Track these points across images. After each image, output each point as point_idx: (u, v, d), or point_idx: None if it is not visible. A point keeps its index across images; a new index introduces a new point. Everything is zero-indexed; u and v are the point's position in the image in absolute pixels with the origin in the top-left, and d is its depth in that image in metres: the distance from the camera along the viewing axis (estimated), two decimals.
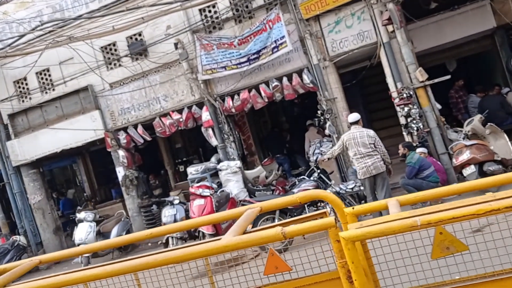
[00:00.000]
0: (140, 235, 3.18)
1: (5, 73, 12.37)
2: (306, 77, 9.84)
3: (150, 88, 11.25)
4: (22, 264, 3.04)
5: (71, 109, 11.92)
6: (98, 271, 2.26)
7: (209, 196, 8.82)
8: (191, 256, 2.13)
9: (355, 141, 7.16)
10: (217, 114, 10.79)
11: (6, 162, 12.66)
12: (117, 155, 11.58)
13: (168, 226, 3.38)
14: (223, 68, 10.34)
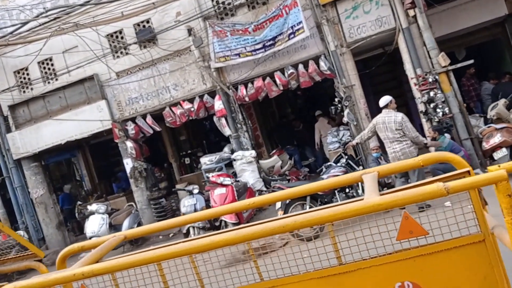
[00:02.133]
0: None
1: (5, 62, 11.88)
2: (323, 64, 9.68)
3: (159, 77, 10.93)
4: (108, 240, 2.81)
5: (76, 99, 11.51)
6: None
7: (230, 184, 8.60)
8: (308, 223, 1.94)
9: (383, 125, 7.04)
10: (230, 103, 10.55)
11: (6, 155, 12.18)
12: (125, 146, 11.24)
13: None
14: (237, 55, 10.10)
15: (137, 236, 3.01)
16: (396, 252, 2.34)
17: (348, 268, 2.31)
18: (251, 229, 2.11)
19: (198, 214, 2.99)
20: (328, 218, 1.98)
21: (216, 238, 2.08)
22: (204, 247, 2.11)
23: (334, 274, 2.32)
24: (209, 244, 2.10)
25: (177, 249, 2.13)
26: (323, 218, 1.98)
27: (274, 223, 2.03)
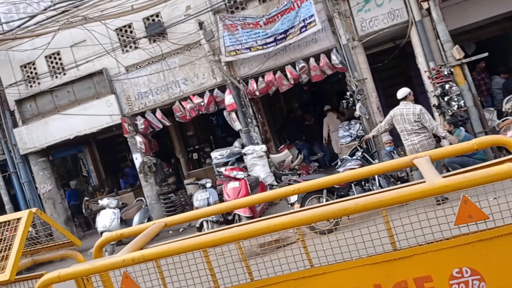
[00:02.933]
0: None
1: (11, 57, 11.80)
2: (334, 57, 9.63)
3: (169, 71, 10.86)
4: (149, 227, 2.77)
5: (84, 94, 11.43)
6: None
7: (243, 178, 8.57)
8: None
9: (401, 117, 6.99)
10: (241, 97, 10.49)
11: (13, 150, 12.10)
12: (134, 141, 11.17)
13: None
14: (248, 49, 10.04)
15: (177, 223, 2.97)
16: (454, 237, 2.29)
17: (403, 254, 2.27)
18: (311, 212, 2.06)
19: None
20: (391, 200, 1.94)
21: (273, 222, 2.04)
22: (259, 231, 2.07)
23: (388, 260, 2.27)
24: (266, 228, 2.06)
25: (234, 233, 2.09)
26: (386, 200, 1.94)
27: (333, 206, 1.98)
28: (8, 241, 2.62)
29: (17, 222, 2.64)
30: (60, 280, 2.32)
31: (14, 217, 2.64)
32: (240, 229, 2.10)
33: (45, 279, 2.27)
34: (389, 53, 11.40)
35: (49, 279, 2.28)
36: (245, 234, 2.08)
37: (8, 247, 2.57)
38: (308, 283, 2.38)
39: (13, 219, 2.64)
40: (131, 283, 2.68)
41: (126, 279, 2.69)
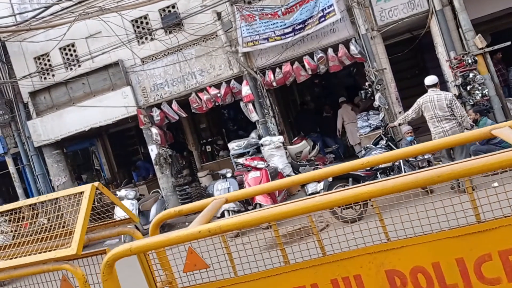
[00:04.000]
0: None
1: (24, 48, 11.75)
2: (353, 47, 9.57)
3: (185, 63, 10.81)
4: (211, 203, 2.73)
5: (100, 86, 11.38)
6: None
7: (264, 168, 8.53)
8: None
9: (432, 104, 6.92)
10: (258, 88, 10.44)
11: (27, 143, 12.06)
12: (150, 133, 11.13)
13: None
14: (265, 40, 9.98)
15: (237, 199, 2.93)
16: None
17: (489, 226, 2.22)
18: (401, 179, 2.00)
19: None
20: (475, 169, 1.88)
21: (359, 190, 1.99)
22: (337, 201, 2.02)
23: (472, 232, 2.23)
24: (352, 196, 2.01)
25: (306, 204, 2.04)
26: (469, 169, 1.88)
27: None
28: (71, 215, 2.58)
29: (79, 196, 2.60)
30: (131, 253, 2.27)
31: (76, 191, 2.60)
32: (317, 199, 2.05)
33: (116, 252, 2.23)
34: (404, 45, 11.36)
35: (120, 252, 2.23)
36: (324, 204, 2.04)
37: (72, 222, 2.53)
38: (385, 257, 2.33)
39: (75, 193, 2.60)
40: (196, 258, 2.65)
41: (191, 254, 2.66)
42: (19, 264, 2.40)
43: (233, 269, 2.65)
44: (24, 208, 2.70)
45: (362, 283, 2.37)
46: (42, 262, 2.38)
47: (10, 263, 2.42)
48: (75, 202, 2.65)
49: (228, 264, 2.63)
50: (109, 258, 2.25)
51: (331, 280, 2.42)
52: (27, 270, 2.41)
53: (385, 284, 2.34)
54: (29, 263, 2.39)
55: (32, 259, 2.38)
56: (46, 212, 2.74)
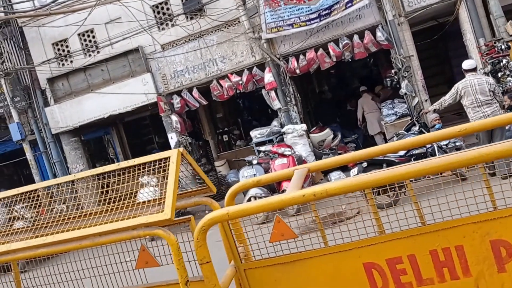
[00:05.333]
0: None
1: (43, 34, 11.61)
2: (380, 34, 9.44)
3: (206, 49, 10.68)
4: (295, 172, 2.63)
5: (119, 72, 11.26)
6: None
7: (291, 155, 8.43)
8: None
9: (472, 88, 6.80)
10: (280, 75, 10.32)
11: (44, 130, 11.95)
12: (170, 120, 11.02)
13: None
14: (290, 26, 9.84)
15: (320, 169, 2.83)
16: None
17: None
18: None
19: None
20: None
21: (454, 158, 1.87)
22: (435, 168, 1.92)
23: None
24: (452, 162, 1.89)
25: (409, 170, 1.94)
26: None
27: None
28: (158, 181, 2.48)
29: (164, 162, 2.50)
30: (228, 218, 2.19)
31: (161, 157, 2.51)
32: (413, 166, 1.95)
33: (212, 216, 2.14)
34: (428, 33, 11.22)
35: (217, 217, 2.14)
36: (420, 171, 1.95)
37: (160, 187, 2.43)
38: (491, 227, 2.23)
39: (160, 158, 2.50)
40: (284, 227, 2.56)
41: (278, 223, 2.57)
42: (109, 230, 2.30)
43: (323, 238, 2.55)
44: (106, 173, 2.60)
45: (464, 254, 2.27)
46: (132, 227, 2.28)
47: (99, 228, 2.32)
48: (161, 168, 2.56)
49: (318, 234, 2.54)
50: (205, 224, 2.15)
51: (430, 251, 2.31)
52: (116, 237, 2.32)
53: (489, 255, 2.24)
54: (119, 229, 2.29)
55: (122, 225, 2.28)
56: (124, 180, 2.65)
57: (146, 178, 7.42)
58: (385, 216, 2.43)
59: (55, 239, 2.39)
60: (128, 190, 2.65)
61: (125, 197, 2.60)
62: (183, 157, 2.56)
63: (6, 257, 2.47)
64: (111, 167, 2.67)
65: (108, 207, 2.54)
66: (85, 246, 2.36)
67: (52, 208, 2.71)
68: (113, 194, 2.61)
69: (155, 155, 2.57)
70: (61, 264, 3.03)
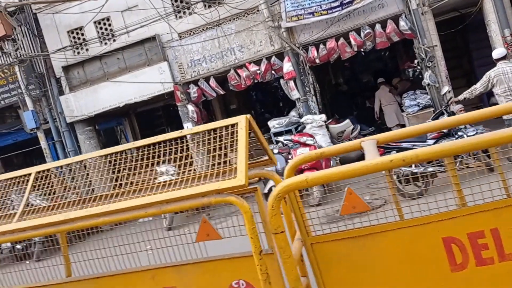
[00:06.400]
0: None
1: (58, 22, 11.49)
2: (403, 23, 9.30)
3: (224, 38, 10.54)
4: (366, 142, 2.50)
5: (135, 61, 11.13)
6: None
7: (313, 145, 8.31)
8: None
9: (505, 76, 6.66)
10: (299, 65, 10.19)
11: (59, 119, 11.84)
12: (186, 110, 10.90)
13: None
14: (310, 14, 9.70)
15: (389, 140, 2.71)
16: None
17: None
18: None
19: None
20: None
21: None
22: None
23: None
24: None
25: None
26: None
27: None
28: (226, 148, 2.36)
29: (231, 128, 2.39)
30: (307, 185, 2.06)
31: (227, 124, 2.39)
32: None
33: (289, 183, 2.02)
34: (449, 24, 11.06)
35: (294, 183, 2.03)
36: None
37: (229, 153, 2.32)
38: None
39: (226, 125, 2.39)
40: (356, 199, 2.44)
41: (350, 195, 2.45)
42: (177, 197, 2.19)
43: (398, 212, 2.44)
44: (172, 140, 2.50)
45: None
46: (202, 194, 2.17)
47: (166, 196, 2.21)
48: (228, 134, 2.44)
49: (392, 206, 2.42)
50: (281, 191, 2.04)
51: None
52: (184, 204, 2.20)
53: None
54: (187, 196, 2.17)
55: (191, 192, 2.17)
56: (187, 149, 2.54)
57: (164, 167, 7.22)
58: (467, 188, 2.31)
59: (118, 207, 2.28)
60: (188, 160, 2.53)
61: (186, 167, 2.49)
62: (250, 124, 2.44)
63: (65, 226, 2.36)
64: (172, 134, 2.56)
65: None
66: (151, 214, 2.26)
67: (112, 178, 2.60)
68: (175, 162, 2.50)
69: (221, 121, 2.45)
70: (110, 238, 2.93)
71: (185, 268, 2.55)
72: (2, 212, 2.63)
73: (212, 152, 2.37)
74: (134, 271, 2.67)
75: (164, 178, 8.21)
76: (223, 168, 2.27)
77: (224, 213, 5.53)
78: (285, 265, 2.12)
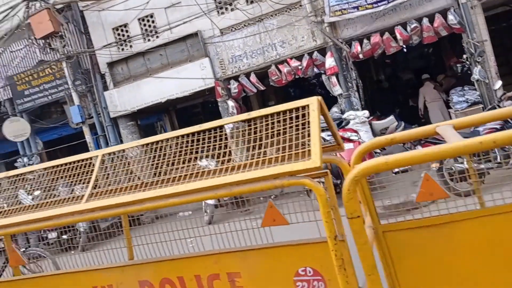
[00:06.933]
0: None
1: (103, 19, 11.77)
2: (452, 17, 8.99)
3: (266, 34, 10.51)
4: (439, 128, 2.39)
5: (177, 57, 11.26)
6: None
7: (357, 140, 8.16)
8: None
9: None
10: (342, 60, 10.02)
11: (103, 113, 12.13)
12: (226, 106, 10.93)
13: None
14: (355, 9, 9.53)
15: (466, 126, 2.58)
16: None
17: None
18: None
19: None
20: None
21: None
22: None
23: None
24: None
25: None
26: None
27: None
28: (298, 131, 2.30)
29: (302, 110, 2.33)
30: (387, 167, 1.96)
31: (298, 105, 2.34)
32: None
33: (368, 165, 1.93)
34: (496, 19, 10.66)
35: (374, 165, 1.93)
36: None
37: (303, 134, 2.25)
38: None
39: (297, 107, 2.34)
40: (434, 186, 2.33)
41: (427, 181, 2.33)
42: (248, 178, 2.14)
43: (479, 199, 2.32)
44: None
45: None
46: (274, 176, 2.11)
47: (236, 177, 2.17)
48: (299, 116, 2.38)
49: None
50: (358, 173, 1.95)
51: None
52: (255, 186, 2.16)
53: None
54: (258, 178, 2.12)
55: (265, 173, 2.12)
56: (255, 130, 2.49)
57: (205, 161, 7.17)
58: None
59: (187, 188, 2.26)
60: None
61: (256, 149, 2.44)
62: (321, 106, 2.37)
63: (133, 207, 2.36)
64: (239, 117, 2.52)
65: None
66: (220, 195, 2.22)
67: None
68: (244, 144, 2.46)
69: (291, 103, 2.39)
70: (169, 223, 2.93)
71: (250, 253, 2.51)
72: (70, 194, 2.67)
73: (282, 135, 2.30)
74: (197, 255, 2.66)
75: None
76: (295, 151, 2.20)
77: (264, 208, 5.50)
78: (361, 252, 2.04)
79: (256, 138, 2.38)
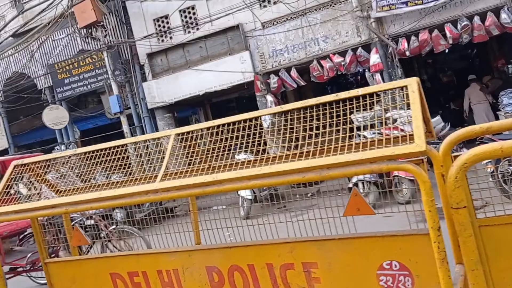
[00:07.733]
0: None
1: (145, 10, 11.82)
2: (505, 16, 8.61)
3: (308, 28, 10.33)
4: None
5: (217, 50, 11.21)
6: None
7: None
8: None
9: None
10: (387, 57, 9.75)
11: (140, 105, 12.21)
12: (264, 100, 10.81)
13: None
14: (404, 4, 9.25)
15: None
16: None
17: None
18: None
19: None
20: None
21: None
22: None
23: None
24: None
25: None
26: None
27: None
28: None
29: (399, 91, 2.19)
30: (502, 154, 1.79)
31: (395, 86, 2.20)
32: None
33: (480, 151, 1.76)
34: None
35: (487, 152, 1.76)
36: None
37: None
38: None
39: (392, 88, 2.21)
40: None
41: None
42: (341, 161, 2.00)
43: None
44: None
45: None
46: (371, 160, 1.97)
47: (328, 160, 2.03)
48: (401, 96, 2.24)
49: None
50: (468, 160, 1.78)
51: None
52: (348, 170, 2.01)
53: None
54: (356, 161, 1.98)
55: (361, 156, 1.98)
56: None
57: (243, 155, 6.96)
58: None
59: (271, 170, 2.14)
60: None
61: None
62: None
63: (212, 188, 2.25)
64: (327, 98, 2.39)
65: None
66: (308, 179, 2.09)
67: None
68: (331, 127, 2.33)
69: (386, 84, 2.24)
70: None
71: (328, 243, 2.36)
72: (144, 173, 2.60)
73: (377, 118, 2.15)
74: (270, 243, 2.53)
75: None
76: (393, 135, 2.05)
77: (300, 206, 5.35)
78: (465, 245, 1.88)
79: (345, 120, 2.24)
